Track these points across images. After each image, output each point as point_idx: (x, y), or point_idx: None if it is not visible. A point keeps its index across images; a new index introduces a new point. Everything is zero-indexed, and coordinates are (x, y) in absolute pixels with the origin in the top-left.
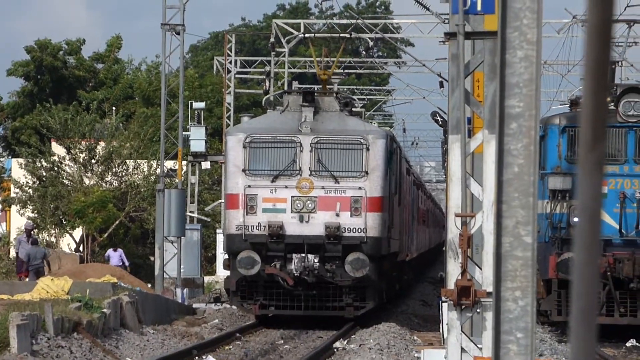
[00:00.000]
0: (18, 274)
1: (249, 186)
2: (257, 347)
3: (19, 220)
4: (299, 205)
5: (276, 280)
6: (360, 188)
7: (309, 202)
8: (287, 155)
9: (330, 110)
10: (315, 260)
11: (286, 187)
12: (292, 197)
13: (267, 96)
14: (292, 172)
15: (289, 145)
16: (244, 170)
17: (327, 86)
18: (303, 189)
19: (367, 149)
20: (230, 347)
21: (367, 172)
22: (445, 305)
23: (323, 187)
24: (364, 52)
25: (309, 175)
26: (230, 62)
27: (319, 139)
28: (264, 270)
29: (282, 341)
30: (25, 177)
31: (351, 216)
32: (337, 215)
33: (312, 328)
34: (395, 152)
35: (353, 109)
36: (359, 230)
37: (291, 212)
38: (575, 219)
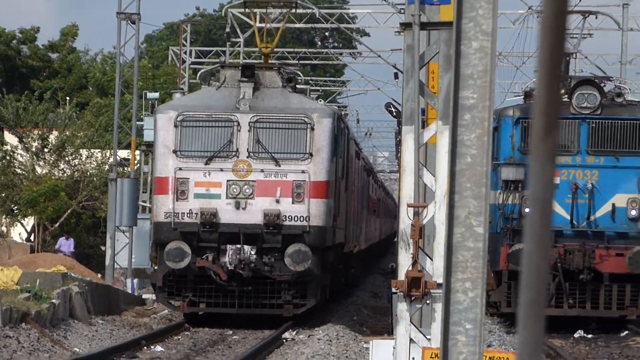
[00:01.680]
0: None
1: (180, 169)
2: (206, 337)
3: None
4: (235, 190)
5: (208, 275)
6: (303, 172)
7: (246, 187)
8: (223, 135)
9: (272, 86)
10: (252, 252)
11: (221, 170)
12: (228, 181)
13: (202, 70)
14: (228, 154)
15: (225, 124)
16: (174, 152)
17: (270, 61)
18: (240, 172)
19: (312, 129)
20: (179, 337)
21: (311, 154)
22: (395, 296)
23: (262, 171)
24: (319, 43)
25: (247, 158)
26: (185, 52)
27: (258, 117)
28: (195, 263)
29: (231, 332)
30: None
31: (293, 203)
32: (277, 201)
33: (246, 328)
34: (343, 133)
35: (297, 86)
36: (301, 219)
37: (226, 198)
38: (527, 210)
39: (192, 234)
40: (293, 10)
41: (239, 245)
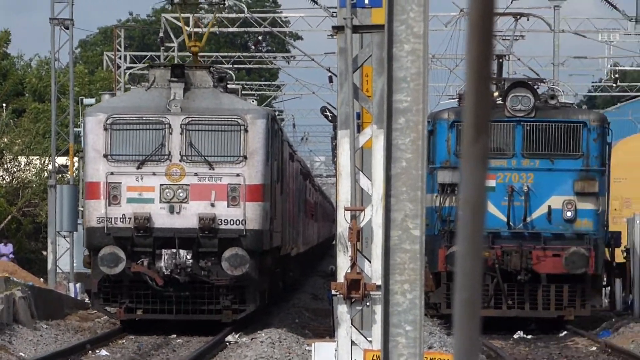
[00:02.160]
0: None
1: (112, 173)
2: (150, 341)
3: None
4: (168, 194)
5: (144, 280)
6: (238, 175)
7: (180, 190)
8: (155, 138)
9: (203, 86)
10: (188, 257)
11: (154, 174)
12: (161, 185)
13: (130, 70)
14: (161, 157)
15: (156, 126)
16: (105, 156)
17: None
18: (173, 176)
19: (246, 131)
20: (124, 341)
21: (245, 157)
22: (335, 298)
23: (196, 174)
24: (252, 47)
25: (180, 161)
26: (120, 58)
27: (190, 119)
28: (130, 269)
29: (175, 335)
30: None
31: (228, 206)
32: (212, 205)
33: (188, 333)
34: (277, 135)
35: (229, 85)
36: (238, 222)
37: (160, 202)
38: (461, 212)
39: (125, 239)
40: (221, 12)
41: (174, 250)
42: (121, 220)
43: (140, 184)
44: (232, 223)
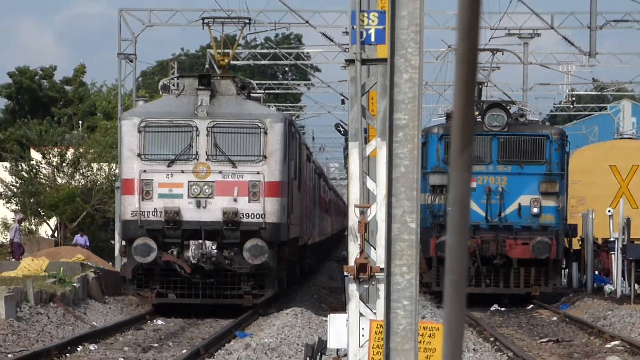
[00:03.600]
0: (15, 256)
1: (145, 171)
2: (198, 310)
3: (4, 211)
4: (195, 190)
5: (173, 268)
6: (258, 172)
7: (205, 187)
8: (183, 140)
9: (227, 93)
10: (213, 247)
11: (182, 172)
12: (189, 182)
13: (163, 80)
14: (189, 157)
15: (184, 129)
16: (139, 155)
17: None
18: (200, 173)
19: (265, 133)
20: (176, 313)
21: (265, 157)
22: (347, 279)
23: (220, 172)
24: (280, 76)
25: (206, 160)
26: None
27: (215, 122)
28: (161, 258)
29: (200, 318)
30: (10, 178)
31: (249, 201)
32: (235, 200)
33: (210, 317)
34: (294, 137)
35: (252, 94)
36: (258, 216)
37: (188, 198)
38: (449, 209)
39: (157, 231)
40: (247, 27)
41: (200, 241)
42: (153, 214)
43: (170, 180)
44: (252, 217)
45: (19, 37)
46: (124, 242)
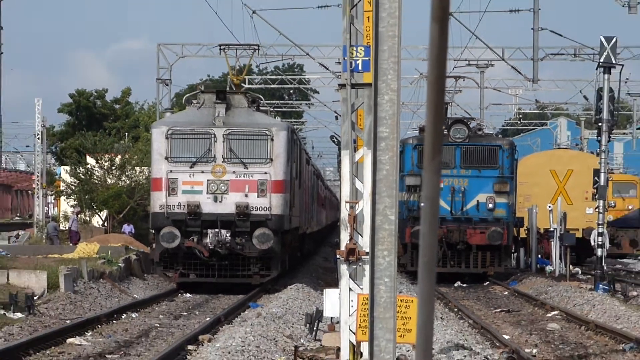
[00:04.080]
0: (73, 242)
1: (171, 171)
2: (218, 286)
3: (65, 206)
4: (213, 187)
5: (194, 252)
6: (265, 173)
7: (222, 184)
8: (203, 145)
9: (240, 106)
10: (227, 235)
11: (202, 172)
12: (208, 180)
13: (186, 95)
14: (208, 159)
15: (204, 136)
16: (166, 158)
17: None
18: (217, 173)
19: (272, 139)
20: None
21: (271, 159)
22: (339, 260)
23: (234, 172)
24: (286, 97)
25: (222, 162)
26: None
27: (230, 130)
28: (184, 244)
29: (218, 294)
30: (70, 179)
31: (258, 197)
32: (246, 196)
33: (224, 293)
34: (296, 144)
35: (261, 107)
36: (265, 209)
37: (207, 194)
38: (422, 204)
39: (180, 221)
40: (256, 51)
41: (217, 230)
42: (177, 207)
43: (192, 179)
44: (260, 209)
45: (79, 66)
46: (153, 231)
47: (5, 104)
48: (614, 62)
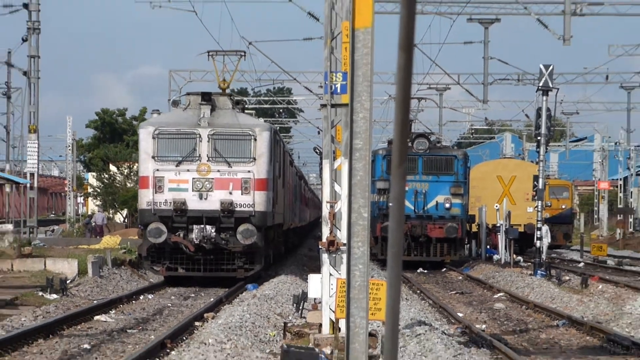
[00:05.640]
0: (99, 235)
1: (157, 170)
2: (201, 282)
3: (92, 205)
4: (198, 185)
5: (180, 247)
6: (249, 171)
7: (207, 182)
8: (189, 145)
9: (225, 108)
10: (212, 231)
11: (188, 170)
12: (193, 178)
13: (173, 98)
14: (193, 158)
15: (190, 136)
16: (153, 157)
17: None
18: (202, 172)
19: (255, 139)
20: (189, 281)
21: (254, 158)
22: (321, 250)
23: (219, 171)
24: (277, 115)
25: (207, 161)
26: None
27: (215, 131)
28: (170, 239)
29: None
30: (96, 183)
31: (242, 194)
32: (230, 193)
33: (214, 286)
34: (279, 144)
35: (246, 111)
36: (249, 206)
37: (192, 191)
38: (390, 204)
39: (167, 218)
40: (243, 57)
41: (202, 225)
42: (164, 204)
43: (178, 177)
44: (244, 206)
45: (103, 87)
46: (141, 227)
47: (41, 120)
48: (551, 86)
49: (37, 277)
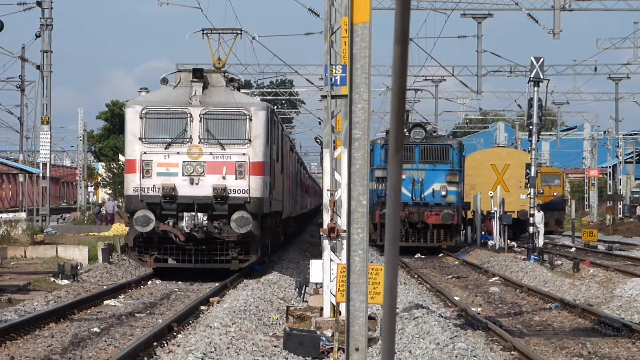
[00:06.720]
0: (109, 223)
1: (145, 153)
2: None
3: (102, 194)
4: (189, 169)
5: (169, 237)
6: (244, 154)
7: (198, 166)
8: (179, 125)
9: (218, 85)
10: (204, 219)
11: (178, 153)
12: (184, 162)
13: (163, 75)
14: (184, 140)
15: (180, 116)
16: (140, 139)
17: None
18: (193, 155)
19: (250, 119)
20: (179, 274)
21: (250, 140)
22: (322, 237)
23: (211, 153)
24: (279, 106)
25: (199, 143)
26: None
27: (207, 110)
28: (158, 227)
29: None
30: (105, 172)
31: (236, 179)
32: (224, 178)
33: (200, 280)
34: (277, 125)
35: (242, 91)
36: (243, 192)
37: (182, 176)
38: (388, 192)
39: (155, 205)
40: (239, 36)
41: (193, 213)
42: (152, 189)
43: (167, 161)
44: (239, 192)
45: (113, 80)
46: (127, 214)
47: (54, 112)
48: (541, 77)
49: (49, 264)
